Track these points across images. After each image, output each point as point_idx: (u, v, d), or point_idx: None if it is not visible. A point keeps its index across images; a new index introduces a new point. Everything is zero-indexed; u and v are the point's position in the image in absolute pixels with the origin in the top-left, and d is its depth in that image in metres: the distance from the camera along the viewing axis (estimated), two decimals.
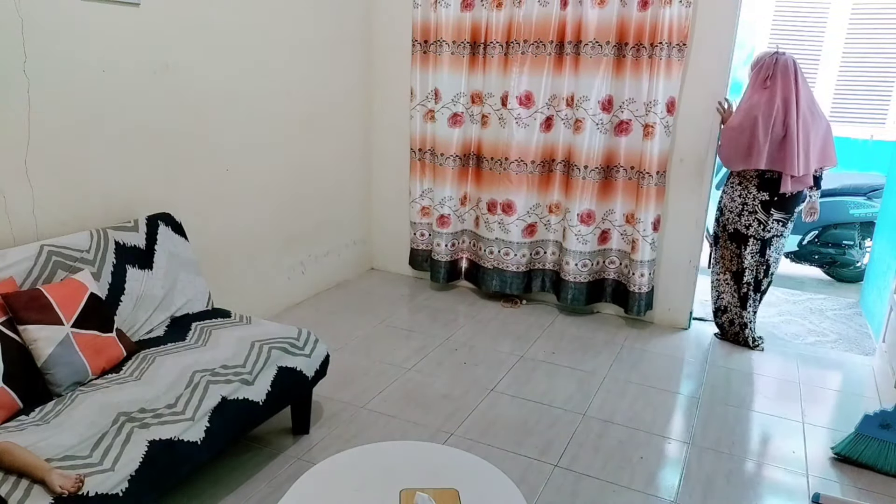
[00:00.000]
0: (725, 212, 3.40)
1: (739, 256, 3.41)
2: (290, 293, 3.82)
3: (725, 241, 3.45)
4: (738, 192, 3.34)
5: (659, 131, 3.42)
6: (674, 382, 3.13)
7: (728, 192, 3.38)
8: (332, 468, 1.83)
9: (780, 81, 3.13)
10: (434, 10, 3.80)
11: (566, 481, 2.34)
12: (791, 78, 3.13)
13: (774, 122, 3.11)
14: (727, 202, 3.39)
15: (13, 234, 2.28)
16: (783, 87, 3.12)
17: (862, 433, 2.46)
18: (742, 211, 3.33)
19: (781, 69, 3.13)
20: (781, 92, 3.12)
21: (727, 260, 3.48)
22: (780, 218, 3.31)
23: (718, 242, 3.50)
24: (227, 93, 3.13)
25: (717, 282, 3.57)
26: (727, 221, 3.40)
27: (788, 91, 3.12)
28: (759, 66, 3.21)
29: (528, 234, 3.89)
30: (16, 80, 2.23)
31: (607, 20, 3.41)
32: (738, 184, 3.33)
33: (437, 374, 3.09)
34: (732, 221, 3.38)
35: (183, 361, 2.20)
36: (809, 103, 3.17)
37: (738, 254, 3.41)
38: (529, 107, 3.69)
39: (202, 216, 3.08)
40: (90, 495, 1.60)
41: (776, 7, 6.32)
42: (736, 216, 3.36)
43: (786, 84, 3.12)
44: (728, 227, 3.41)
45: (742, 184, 3.31)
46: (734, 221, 3.37)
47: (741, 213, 3.34)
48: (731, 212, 3.38)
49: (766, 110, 3.12)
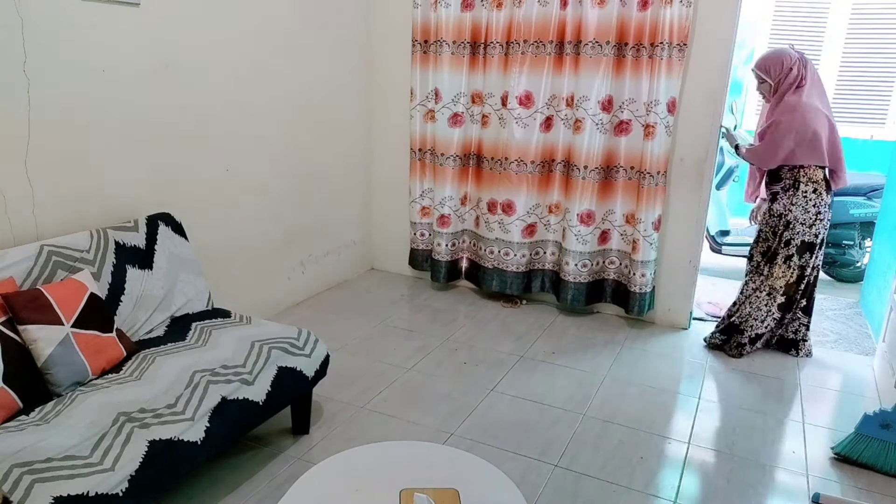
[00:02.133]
0: (796, 225, 3.14)
1: (802, 268, 3.21)
2: (290, 293, 3.83)
3: (788, 257, 3.19)
4: (812, 202, 3.11)
5: (659, 131, 3.42)
6: (674, 382, 3.13)
7: (799, 204, 3.12)
8: (332, 468, 1.83)
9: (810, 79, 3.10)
10: (434, 10, 3.80)
11: (566, 481, 2.34)
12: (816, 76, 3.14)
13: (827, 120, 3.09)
14: (798, 214, 3.12)
15: (13, 234, 2.28)
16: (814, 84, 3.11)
17: (862, 433, 2.46)
18: (815, 221, 3.13)
19: (810, 67, 3.11)
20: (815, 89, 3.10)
21: (778, 278, 3.24)
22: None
23: (772, 260, 3.23)
24: (227, 93, 3.13)
25: (759, 301, 3.31)
26: (796, 234, 3.15)
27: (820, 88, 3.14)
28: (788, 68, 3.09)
29: (528, 235, 3.89)
30: (16, 80, 2.23)
31: (607, 20, 3.41)
32: (812, 192, 3.10)
33: (437, 374, 3.09)
34: (803, 233, 3.14)
35: (183, 361, 2.20)
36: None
37: (802, 265, 3.20)
38: (529, 107, 3.69)
39: (202, 216, 3.08)
40: (90, 495, 1.60)
41: (776, 7, 6.32)
42: (808, 227, 3.14)
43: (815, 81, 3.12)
44: (795, 240, 3.16)
45: (816, 191, 3.10)
46: (805, 233, 3.15)
47: (814, 223, 3.14)
48: (803, 224, 3.13)
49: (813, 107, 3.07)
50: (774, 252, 3.25)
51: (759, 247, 3.35)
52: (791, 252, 3.19)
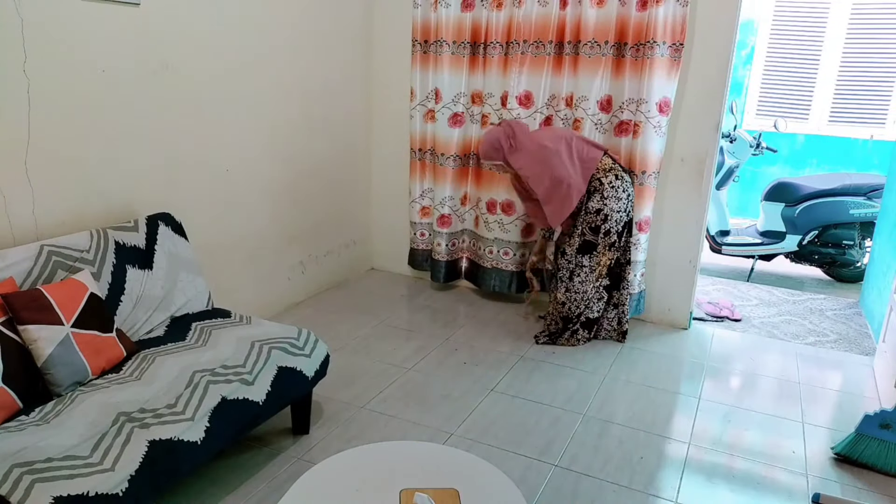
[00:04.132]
0: (613, 215, 3.26)
1: (624, 249, 3.38)
2: (290, 293, 3.83)
3: (611, 245, 3.32)
4: (619, 187, 3.25)
5: (659, 131, 3.42)
6: (674, 382, 3.13)
7: (611, 196, 3.23)
8: (332, 468, 1.83)
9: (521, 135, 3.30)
10: (434, 11, 3.80)
11: (566, 481, 2.34)
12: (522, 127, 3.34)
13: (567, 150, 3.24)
14: (614, 205, 3.24)
15: (13, 234, 2.28)
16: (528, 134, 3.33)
17: (862, 433, 2.46)
18: (628, 202, 3.30)
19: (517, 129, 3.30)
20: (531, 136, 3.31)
21: (604, 265, 3.35)
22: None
23: (597, 249, 3.33)
24: (227, 93, 3.13)
25: (593, 289, 3.39)
26: (614, 223, 3.28)
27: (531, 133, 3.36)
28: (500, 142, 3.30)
29: (527, 234, 3.89)
30: (16, 80, 2.23)
31: (606, 20, 3.41)
32: (615, 178, 3.25)
33: (437, 374, 3.09)
34: (620, 220, 3.28)
35: (183, 361, 2.20)
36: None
37: (623, 245, 3.37)
38: (529, 107, 3.68)
39: (202, 216, 3.08)
40: (90, 495, 1.60)
41: (776, 7, 6.32)
42: (624, 213, 3.29)
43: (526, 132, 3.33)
44: (616, 227, 3.29)
45: (618, 177, 3.26)
46: (622, 219, 3.29)
47: (627, 206, 3.30)
48: (618, 211, 3.27)
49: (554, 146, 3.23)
50: (594, 244, 3.33)
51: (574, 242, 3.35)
52: (613, 239, 3.32)
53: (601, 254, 3.34)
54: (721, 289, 4.52)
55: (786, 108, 6.45)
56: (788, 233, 4.93)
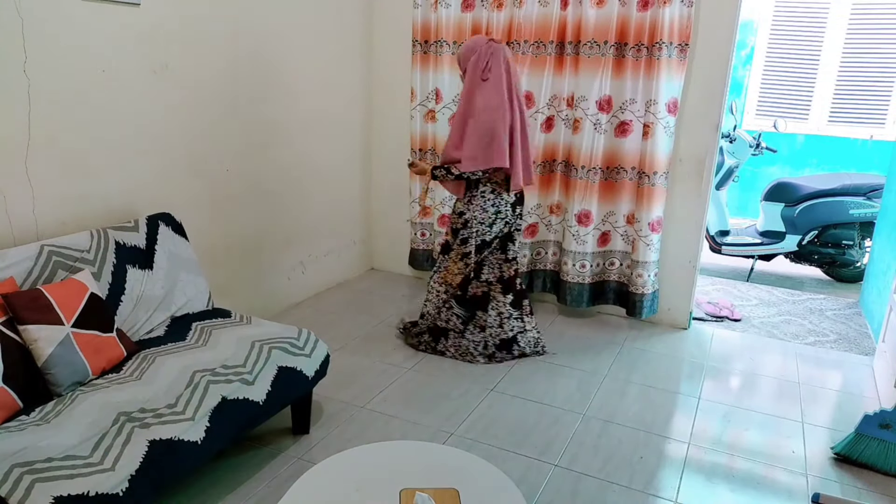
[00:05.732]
0: (474, 224, 3.04)
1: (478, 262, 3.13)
2: (290, 293, 3.83)
3: (465, 255, 3.11)
4: (490, 201, 3.03)
5: (660, 131, 3.42)
6: (674, 382, 3.13)
7: (478, 203, 3.03)
8: (332, 468, 1.83)
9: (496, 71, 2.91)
10: (434, 11, 3.80)
11: (566, 481, 2.34)
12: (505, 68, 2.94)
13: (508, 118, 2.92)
14: (476, 214, 3.03)
15: (13, 234, 2.28)
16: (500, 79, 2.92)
17: (862, 433, 2.46)
18: (495, 220, 3.05)
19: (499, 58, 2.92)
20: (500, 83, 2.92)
21: (454, 274, 3.15)
22: (520, 212, 3.15)
23: (449, 254, 3.16)
24: (227, 93, 3.13)
25: (436, 295, 3.24)
26: (476, 234, 3.06)
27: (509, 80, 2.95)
28: (476, 57, 2.94)
29: (529, 235, 3.89)
30: (16, 80, 2.23)
31: (607, 20, 3.41)
32: (490, 192, 3.02)
33: (437, 374, 3.09)
34: (482, 233, 3.06)
35: (183, 361, 2.20)
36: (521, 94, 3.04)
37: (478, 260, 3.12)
38: (530, 107, 3.68)
39: (202, 216, 3.08)
40: (90, 495, 1.60)
41: (776, 7, 6.33)
42: (487, 227, 3.05)
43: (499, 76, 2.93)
44: (476, 238, 3.07)
45: (495, 191, 3.03)
46: (484, 233, 3.06)
47: (494, 222, 3.05)
48: (481, 223, 3.04)
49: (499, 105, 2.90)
50: (450, 248, 3.18)
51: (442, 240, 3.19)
52: (469, 250, 3.09)
53: (452, 260, 3.15)
54: (721, 289, 4.52)
55: (785, 108, 6.46)
56: (788, 233, 4.93)
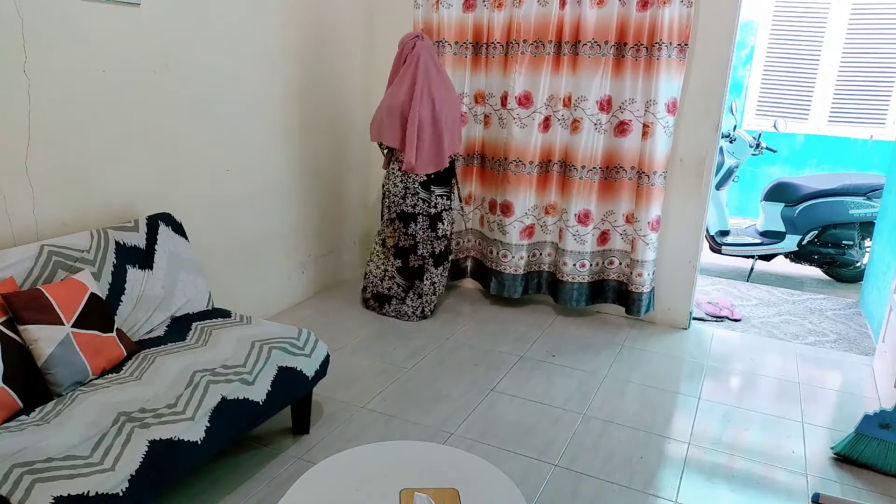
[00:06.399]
0: (389, 196, 3.55)
1: (408, 234, 3.57)
2: (290, 293, 3.83)
3: (391, 221, 3.60)
4: (399, 178, 3.49)
5: (659, 131, 3.42)
6: (674, 382, 3.13)
7: (391, 178, 3.52)
8: (332, 468, 1.83)
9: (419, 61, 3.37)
10: (436, 11, 3.80)
11: (566, 481, 2.34)
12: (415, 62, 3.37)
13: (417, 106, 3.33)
14: (390, 187, 3.53)
15: (13, 234, 2.28)
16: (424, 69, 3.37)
17: (862, 433, 2.47)
18: (405, 194, 3.50)
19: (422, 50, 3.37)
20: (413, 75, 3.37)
21: (391, 238, 3.62)
22: (442, 192, 3.56)
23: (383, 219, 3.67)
24: (228, 93, 3.13)
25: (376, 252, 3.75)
26: (392, 204, 3.55)
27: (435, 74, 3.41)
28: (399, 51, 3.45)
29: (526, 236, 3.88)
30: (16, 80, 2.23)
31: (606, 20, 3.41)
32: (397, 169, 3.49)
33: (437, 374, 3.09)
34: (398, 204, 3.53)
35: (183, 361, 2.20)
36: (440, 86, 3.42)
37: (405, 231, 3.56)
38: (528, 107, 3.68)
39: (202, 216, 3.08)
40: (90, 495, 1.60)
41: (776, 7, 6.33)
42: (400, 199, 3.51)
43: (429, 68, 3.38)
44: (394, 209, 3.55)
45: (402, 169, 3.46)
46: (399, 204, 3.52)
47: (405, 196, 3.50)
48: (395, 195, 3.53)
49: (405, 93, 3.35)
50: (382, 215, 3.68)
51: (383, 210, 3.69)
52: (393, 216, 3.58)
53: (384, 224, 3.64)
54: (721, 289, 4.52)
55: (785, 108, 6.46)
56: (788, 233, 4.93)
